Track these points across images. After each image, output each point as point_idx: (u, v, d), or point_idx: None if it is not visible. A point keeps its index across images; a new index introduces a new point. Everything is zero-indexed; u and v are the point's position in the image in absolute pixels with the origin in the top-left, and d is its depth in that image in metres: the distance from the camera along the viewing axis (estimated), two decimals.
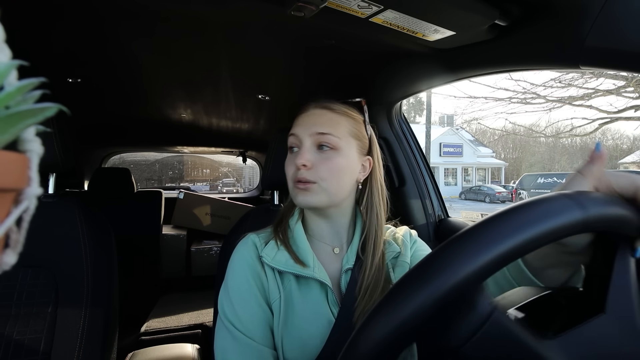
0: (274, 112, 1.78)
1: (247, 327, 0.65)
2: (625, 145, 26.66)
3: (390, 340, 0.30)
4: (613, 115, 7.92)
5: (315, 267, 0.70)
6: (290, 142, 0.72)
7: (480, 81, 9.76)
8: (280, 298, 0.68)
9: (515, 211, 0.30)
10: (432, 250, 0.31)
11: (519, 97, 8.32)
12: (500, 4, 0.73)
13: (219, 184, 9.61)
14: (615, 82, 6.86)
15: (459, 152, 24.95)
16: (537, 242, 0.29)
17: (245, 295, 0.68)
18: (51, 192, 1.00)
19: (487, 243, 0.29)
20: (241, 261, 0.71)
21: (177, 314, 2.01)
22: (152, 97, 1.60)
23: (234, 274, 0.70)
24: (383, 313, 0.30)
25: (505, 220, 0.30)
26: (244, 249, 0.73)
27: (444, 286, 0.28)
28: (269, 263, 0.69)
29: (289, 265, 0.69)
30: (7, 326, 0.86)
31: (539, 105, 8.28)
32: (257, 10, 0.80)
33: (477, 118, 11.96)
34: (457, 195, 20.05)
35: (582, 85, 7.38)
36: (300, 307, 0.68)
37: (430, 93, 12.68)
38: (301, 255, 0.71)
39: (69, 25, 0.92)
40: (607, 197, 0.33)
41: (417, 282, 0.29)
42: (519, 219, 0.29)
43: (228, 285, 0.70)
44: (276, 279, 0.70)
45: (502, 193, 17.65)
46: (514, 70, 0.93)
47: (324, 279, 0.69)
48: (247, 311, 0.67)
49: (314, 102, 0.73)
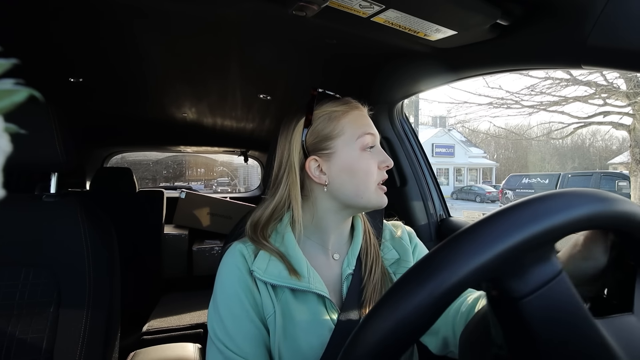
0: (275, 111, 1.78)
1: (240, 346, 0.61)
2: (615, 146, 26.74)
3: (389, 341, 0.30)
4: (585, 120, 8.53)
5: (311, 277, 0.66)
6: (368, 140, 0.68)
7: (461, 87, 10.38)
8: (274, 313, 0.64)
9: (503, 214, 0.31)
10: (428, 252, 0.32)
11: (499, 102, 9.01)
12: (502, 4, 0.73)
13: (214, 183, 9.62)
14: (587, 90, 7.55)
15: (451, 153, 25.12)
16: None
17: (236, 312, 0.63)
18: (53, 192, 1.00)
19: (486, 241, 0.30)
20: (230, 275, 0.66)
21: (178, 314, 2.01)
22: (154, 96, 1.60)
23: (223, 289, 0.66)
24: (379, 315, 0.31)
25: (500, 220, 0.31)
26: (232, 260, 0.67)
27: (440, 288, 0.29)
28: (260, 277, 0.64)
29: (282, 277, 0.65)
30: (9, 325, 0.86)
31: (518, 110, 8.99)
32: (258, 10, 0.80)
33: (462, 121, 12.38)
34: (449, 195, 20.27)
35: (553, 93, 8.15)
36: (299, 319, 0.64)
37: (418, 97, 12.79)
38: (295, 264, 0.66)
39: (71, 24, 0.92)
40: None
41: (410, 286, 0.30)
42: (507, 222, 0.31)
43: (217, 301, 0.65)
44: (269, 293, 0.65)
45: (492, 193, 17.97)
46: (515, 69, 0.93)
47: (321, 291, 0.65)
48: (239, 329, 0.62)
49: (359, 102, 0.74)
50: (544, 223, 0.30)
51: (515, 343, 0.33)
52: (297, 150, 0.69)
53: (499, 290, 0.32)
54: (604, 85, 7.33)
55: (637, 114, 6.96)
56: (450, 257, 0.30)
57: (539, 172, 22.92)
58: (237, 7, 0.79)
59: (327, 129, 0.69)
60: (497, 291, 0.32)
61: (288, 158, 0.70)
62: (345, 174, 0.67)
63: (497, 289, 0.32)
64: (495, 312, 0.34)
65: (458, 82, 1.11)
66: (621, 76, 6.86)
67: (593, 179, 10.79)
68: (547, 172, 19.22)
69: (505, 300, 0.32)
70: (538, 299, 0.31)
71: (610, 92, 7.33)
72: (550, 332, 0.31)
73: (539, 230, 0.29)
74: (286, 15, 0.75)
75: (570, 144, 28.45)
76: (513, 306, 0.31)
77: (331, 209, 0.70)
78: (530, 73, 7.48)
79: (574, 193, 0.31)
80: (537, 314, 0.31)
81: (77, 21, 0.90)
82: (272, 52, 1.07)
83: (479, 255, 0.29)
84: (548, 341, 0.31)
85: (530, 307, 0.31)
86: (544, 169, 27.35)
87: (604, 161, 23.23)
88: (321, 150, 0.68)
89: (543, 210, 0.30)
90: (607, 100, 7.64)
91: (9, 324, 0.86)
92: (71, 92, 1.44)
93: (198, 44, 1.02)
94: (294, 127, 0.70)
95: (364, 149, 0.67)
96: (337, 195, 0.68)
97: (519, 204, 0.31)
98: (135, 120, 2.09)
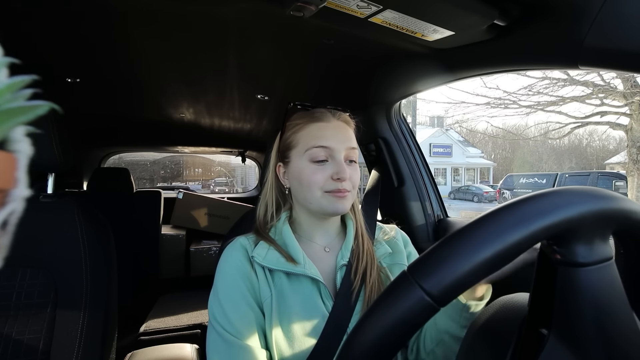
0: (273, 112, 1.78)
1: (238, 329, 0.66)
2: (612, 146, 26.95)
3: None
4: (583, 120, 8.59)
5: (306, 264, 0.72)
6: (317, 154, 0.73)
7: (458, 87, 10.31)
8: (271, 296, 0.69)
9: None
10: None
11: (496, 102, 9.04)
12: (499, 4, 0.73)
13: (212, 183, 9.61)
14: (585, 90, 7.60)
15: (449, 153, 25.24)
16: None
17: (234, 297, 0.68)
18: (50, 192, 0.99)
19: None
20: (229, 264, 0.72)
21: (176, 314, 2.01)
22: (152, 96, 1.60)
23: (222, 277, 0.71)
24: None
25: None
26: (233, 251, 0.74)
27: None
28: (260, 262, 0.71)
29: (280, 263, 0.71)
30: (6, 326, 0.86)
31: (515, 110, 8.97)
32: (256, 10, 0.80)
33: (459, 121, 12.44)
34: (446, 195, 20.34)
35: (551, 93, 8.22)
36: (293, 303, 0.69)
37: (416, 97, 12.86)
38: (291, 253, 0.72)
39: (69, 24, 0.91)
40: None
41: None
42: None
43: (217, 288, 0.71)
44: (267, 278, 0.71)
45: (490, 193, 18.07)
46: (513, 70, 0.93)
47: (315, 275, 0.71)
48: (237, 313, 0.67)
49: (330, 113, 0.77)
50: (623, 204, 0.33)
51: (562, 313, 0.34)
52: (274, 155, 0.81)
53: (562, 253, 0.33)
54: (601, 85, 7.36)
55: (634, 114, 7.01)
56: (539, 206, 0.31)
57: (536, 172, 23.07)
58: (234, 7, 0.79)
59: (288, 140, 0.78)
60: (561, 254, 0.33)
61: (270, 161, 0.81)
62: (296, 182, 0.75)
63: (561, 252, 0.33)
64: (547, 277, 0.35)
65: (456, 82, 1.11)
66: (618, 76, 6.90)
67: (590, 178, 10.84)
68: (545, 172, 19.32)
69: (567, 263, 0.33)
70: (597, 272, 0.33)
71: (608, 92, 7.36)
72: (597, 307, 0.32)
73: (618, 208, 0.32)
74: (283, 16, 0.75)
75: (568, 144, 28.66)
76: (571, 272, 0.33)
77: (303, 210, 0.78)
78: (527, 73, 7.50)
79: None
80: (593, 285, 0.32)
81: (75, 21, 0.89)
82: (270, 52, 1.07)
83: (565, 208, 0.31)
84: (594, 314, 0.32)
85: (589, 276, 0.32)
86: (542, 168, 27.52)
87: (601, 161, 23.41)
88: (284, 159, 0.78)
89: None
90: (604, 100, 7.68)
91: (6, 324, 0.86)
92: (68, 92, 1.44)
93: (195, 44, 1.02)
94: (277, 135, 0.81)
95: (311, 161, 0.73)
96: (296, 199, 0.78)
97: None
98: (132, 121, 2.09)
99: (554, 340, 0.34)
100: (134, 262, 2.27)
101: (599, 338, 0.32)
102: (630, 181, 7.24)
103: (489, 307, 0.47)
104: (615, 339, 0.33)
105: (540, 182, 12.93)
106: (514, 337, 0.37)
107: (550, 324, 0.34)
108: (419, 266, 0.31)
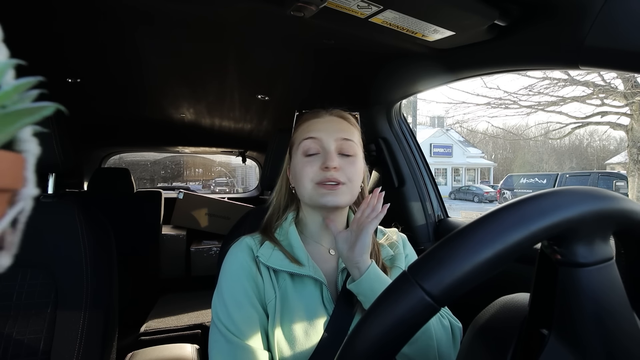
0: (273, 112, 1.78)
1: (241, 329, 0.65)
2: (612, 146, 26.93)
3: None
4: (583, 120, 8.61)
5: (310, 266, 0.71)
6: (307, 146, 0.74)
7: (459, 87, 10.26)
8: (275, 298, 0.69)
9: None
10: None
11: (497, 102, 9.05)
12: (499, 4, 0.73)
13: (212, 184, 9.59)
14: (585, 90, 7.61)
15: (449, 153, 25.16)
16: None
17: (238, 298, 0.68)
18: (50, 192, 0.99)
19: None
20: (235, 264, 0.71)
21: (176, 314, 2.01)
22: (152, 96, 1.60)
23: (227, 277, 0.71)
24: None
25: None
26: (238, 251, 0.73)
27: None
28: (265, 262, 0.70)
29: (284, 264, 0.70)
30: (6, 326, 0.86)
31: (516, 110, 9.00)
32: (256, 11, 0.80)
33: (460, 121, 12.45)
34: (447, 195, 20.31)
35: (551, 93, 8.22)
36: (296, 305, 0.69)
37: (416, 97, 12.86)
38: (296, 255, 0.72)
39: (69, 24, 0.92)
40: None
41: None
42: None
43: (222, 288, 0.70)
44: (272, 279, 0.70)
45: (490, 193, 18.02)
46: (513, 70, 0.93)
47: (319, 277, 0.70)
48: (241, 313, 0.67)
49: (325, 110, 0.78)
50: (623, 204, 0.33)
51: (562, 313, 0.34)
52: (287, 158, 0.83)
53: (562, 253, 0.33)
54: (601, 85, 7.36)
55: (635, 114, 7.01)
56: (539, 206, 0.31)
57: (537, 172, 23.06)
58: (235, 7, 0.79)
59: (290, 141, 0.81)
60: (561, 254, 0.34)
61: (274, 161, 0.84)
62: (294, 178, 0.77)
63: (562, 252, 0.34)
64: (548, 277, 0.35)
65: (456, 83, 1.11)
66: (619, 76, 6.89)
67: (591, 179, 10.83)
68: (545, 172, 19.31)
69: (567, 264, 0.33)
70: (598, 272, 0.33)
71: (608, 92, 7.36)
72: (598, 307, 0.32)
73: (619, 208, 0.32)
74: (284, 16, 0.75)
75: (568, 144, 28.63)
76: (572, 272, 0.33)
77: (308, 209, 0.79)
78: (528, 73, 7.49)
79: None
80: (594, 286, 0.32)
81: (75, 21, 0.89)
82: (270, 52, 1.07)
83: (566, 209, 0.31)
84: (594, 315, 0.32)
85: (589, 276, 0.32)
86: (542, 169, 27.48)
87: (601, 161, 23.39)
88: (290, 159, 0.80)
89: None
90: (604, 100, 7.68)
91: (6, 325, 0.86)
92: (69, 92, 1.44)
93: (196, 44, 1.02)
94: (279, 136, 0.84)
95: (304, 154, 0.75)
96: (299, 198, 0.78)
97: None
98: (133, 121, 2.09)
99: (554, 340, 0.34)
100: (134, 262, 2.27)
101: (599, 338, 0.32)
102: (630, 181, 7.23)
103: (489, 307, 0.47)
104: (615, 340, 0.33)
105: (541, 182, 12.93)
106: (514, 338, 0.37)
107: (551, 324, 0.34)
108: (420, 266, 0.31)
